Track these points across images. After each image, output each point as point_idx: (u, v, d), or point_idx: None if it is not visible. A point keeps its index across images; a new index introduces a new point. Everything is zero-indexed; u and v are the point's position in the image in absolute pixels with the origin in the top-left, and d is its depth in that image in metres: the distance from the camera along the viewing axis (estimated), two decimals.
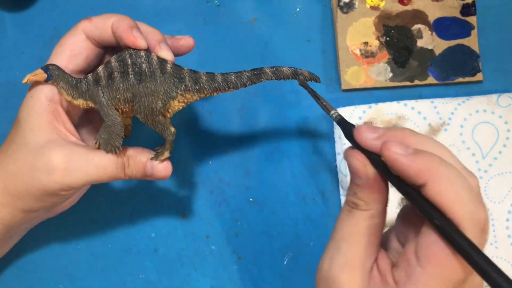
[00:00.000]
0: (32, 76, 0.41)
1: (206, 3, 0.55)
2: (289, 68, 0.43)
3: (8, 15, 0.55)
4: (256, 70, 0.43)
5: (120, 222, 0.53)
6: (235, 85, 0.43)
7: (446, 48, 0.53)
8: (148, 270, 0.52)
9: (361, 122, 0.51)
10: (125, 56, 0.41)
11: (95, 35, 0.42)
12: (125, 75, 0.41)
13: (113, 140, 0.41)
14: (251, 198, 0.53)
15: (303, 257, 0.52)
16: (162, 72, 0.41)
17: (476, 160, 0.51)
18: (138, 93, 0.41)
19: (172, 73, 0.41)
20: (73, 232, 0.52)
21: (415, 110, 0.51)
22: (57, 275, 0.52)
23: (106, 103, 0.41)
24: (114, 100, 0.41)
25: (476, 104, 0.51)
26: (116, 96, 0.41)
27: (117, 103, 0.41)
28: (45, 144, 0.40)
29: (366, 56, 0.53)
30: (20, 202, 0.42)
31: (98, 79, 0.41)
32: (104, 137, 0.41)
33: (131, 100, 0.41)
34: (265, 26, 0.54)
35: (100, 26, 0.42)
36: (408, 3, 0.53)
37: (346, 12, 0.53)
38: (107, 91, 0.41)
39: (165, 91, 0.41)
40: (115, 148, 0.41)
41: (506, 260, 0.50)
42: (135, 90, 0.41)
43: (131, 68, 0.41)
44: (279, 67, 0.43)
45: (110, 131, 0.41)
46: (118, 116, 0.41)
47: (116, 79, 0.41)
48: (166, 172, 0.43)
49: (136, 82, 0.41)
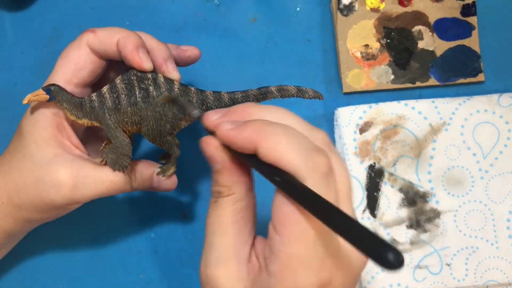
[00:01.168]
0: (33, 97, 0.40)
1: (206, 3, 0.55)
2: (294, 87, 0.43)
3: (8, 15, 0.54)
4: (262, 89, 0.42)
5: (120, 222, 0.52)
6: None
7: (447, 49, 0.53)
8: (148, 270, 0.52)
9: (361, 122, 0.51)
10: (131, 77, 0.40)
11: (99, 49, 0.41)
12: (133, 98, 0.40)
13: (121, 160, 0.40)
14: None
15: None
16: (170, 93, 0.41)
17: (477, 160, 0.51)
18: (147, 117, 0.41)
19: (180, 94, 0.41)
20: (73, 233, 0.52)
21: (416, 110, 0.51)
22: (57, 275, 0.52)
23: (113, 126, 0.41)
24: (121, 123, 0.41)
25: (477, 104, 0.51)
26: (123, 120, 0.41)
27: (125, 125, 0.41)
28: (52, 158, 0.40)
29: (367, 59, 0.53)
30: (24, 212, 0.42)
31: (104, 100, 0.41)
32: (112, 157, 0.41)
33: (138, 123, 0.41)
34: (265, 26, 0.54)
35: (105, 41, 0.41)
36: (408, 4, 0.53)
37: (346, 14, 0.53)
38: (114, 114, 0.41)
39: (173, 114, 0.41)
40: (123, 168, 0.40)
41: (507, 260, 0.50)
42: (143, 114, 0.40)
43: (138, 91, 0.40)
44: (284, 86, 0.43)
45: (118, 151, 0.40)
46: (126, 138, 0.41)
47: (123, 102, 0.40)
48: (173, 184, 0.44)
49: (144, 106, 0.40)
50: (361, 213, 0.50)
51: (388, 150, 0.51)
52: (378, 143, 0.51)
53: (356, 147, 0.51)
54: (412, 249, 0.50)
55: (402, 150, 0.51)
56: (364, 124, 0.51)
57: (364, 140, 0.51)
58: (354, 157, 0.51)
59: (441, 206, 0.50)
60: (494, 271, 0.50)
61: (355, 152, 0.51)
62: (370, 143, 0.51)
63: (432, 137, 0.51)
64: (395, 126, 0.51)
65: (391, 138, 0.51)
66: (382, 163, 0.51)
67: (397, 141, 0.51)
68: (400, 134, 0.51)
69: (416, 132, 0.51)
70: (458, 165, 0.51)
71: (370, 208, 0.51)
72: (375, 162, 0.51)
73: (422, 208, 0.50)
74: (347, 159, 0.51)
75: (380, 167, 0.51)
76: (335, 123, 0.52)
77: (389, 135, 0.51)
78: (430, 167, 0.51)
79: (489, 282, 0.50)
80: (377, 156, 0.51)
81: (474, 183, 0.51)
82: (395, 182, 0.51)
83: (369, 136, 0.51)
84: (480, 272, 0.50)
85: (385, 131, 0.51)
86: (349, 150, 0.51)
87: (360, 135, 0.51)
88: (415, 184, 0.51)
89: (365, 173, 0.51)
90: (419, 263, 0.50)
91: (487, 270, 0.50)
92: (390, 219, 0.50)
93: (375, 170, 0.51)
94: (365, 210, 0.51)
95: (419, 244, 0.50)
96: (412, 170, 0.51)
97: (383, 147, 0.51)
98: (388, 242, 0.24)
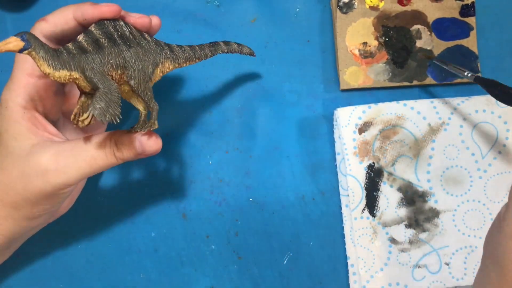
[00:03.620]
0: (4, 46, 0.34)
1: (206, 3, 0.55)
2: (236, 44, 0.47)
3: (8, 15, 0.55)
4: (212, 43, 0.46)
5: (120, 222, 0.53)
6: (200, 56, 0.45)
7: (445, 48, 0.53)
8: (148, 270, 0.52)
9: (360, 122, 0.51)
10: (105, 24, 0.40)
11: (56, 34, 0.41)
12: (113, 41, 0.39)
13: (112, 108, 0.38)
14: (251, 198, 0.53)
15: (303, 257, 0.52)
16: (145, 39, 0.41)
17: (476, 160, 0.51)
18: (131, 58, 0.40)
19: (152, 41, 0.42)
20: (73, 232, 0.52)
21: (415, 110, 0.51)
22: (57, 275, 0.52)
23: (98, 69, 0.38)
24: (106, 66, 0.39)
25: (476, 104, 0.51)
26: (109, 61, 0.39)
27: (110, 68, 0.39)
28: (30, 149, 0.40)
29: (365, 56, 0.53)
30: (20, 211, 0.41)
31: (82, 46, 0.38)
32: (101, 106, 0.37)
33: (123, 66, 0.39)
34: (265, 26, 0.55)
35: (59, 23, 0.40)
36: (407, 3, 0.54)
37: (345, 12, 0.53)
38: (97, 57, 0.38)
39: (153, 57, 0.41)
40: (115, 117, 0.38)
41: None
42: (127, 55, 0.40)
43: (116, 35, 0.40)
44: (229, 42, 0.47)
45: (107, 98, 0.38)
46: (113, 82, 0.39)
47: (105, 44, 0.39)
48: (157, 145, 0.42)
49: (126, 48, 0.40)
50: (360, 213, 0.51)
51: (387, 150, 0.51)
52: (377, 143, 0.51)
53: (356, 147, 0.51)
54: (411, 248, 0.50)
55: (401, 150, 0.51)
56: (363, 124, 0.51)
57: (363, 140, 0.51)
58: (353, 157, 0.51)
59: (440, 206, 0.51)
60: None
61: (354, 152, 0.51)
62: (369, 143, 0.51)
63: (431, 137, 0.51)
64: (394, 126, 0.51)
65: (390, 138, 0.51)
66: (381, 163, 0.51)
67: (396, 141, 0.51)
68: (399, 134, 0.51)
69: (415, 132, 0.51)
70: (457, 164, 0.51)
71: (369, 207, 0.51)
72: (374, 162, 0.51)
73: (421, 207, 0.51)
74: (346, 159, 0.51)
75: (379, 166, 0.51)
76: (335, 123, 0.52)
77: (388, 135, 0.51)
78: (429, 167, 0.51)
79: None
80: (376, 156, 0.51)
81: (472, 182, 0.51)
82: (394, 181, 0.51)
83: (368, 136, 0.51)
84: None
85: (384, 131, 0.51)
86: (349, 150, 0.51)
87: (359, 135, 0.51)
88: (414, 184, 0.51)
89: (364, 173, 0.51)
90: (418, 262, 0.50)
91: None
92: (389, 219, 0.51)
93: (374, 169, 0.51)
94: (364, 209, 0.51)
95: (418, 244, 0.50)
96: (411, 169, 0.51)
97: (382, 147, 0.51)
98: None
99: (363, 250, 0.50)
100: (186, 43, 0.54)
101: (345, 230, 0.52)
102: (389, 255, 0.50)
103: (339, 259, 0.52)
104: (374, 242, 0.51)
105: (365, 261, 0.50)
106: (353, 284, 0.51)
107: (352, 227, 0.51)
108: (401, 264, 0.50)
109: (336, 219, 0.53)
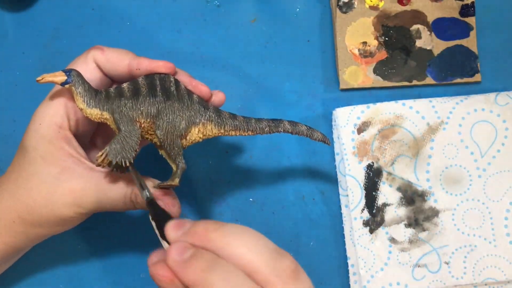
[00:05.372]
0: (49, 77, 0.39)
1: (206, 3, 0.55)
2: (306, 126, 0.44)
3: (8, 15, 0.55)
4: (274, 120, 0.44)
5: (120, 222, 0.53)
6: (254, 128, 0.43)
7: (444, 48, 0.53)
8: (148, 270, 0.52)
9: (359, 122, 0.51)
10: (153, 77, 0.41)
11: (106, 67, 0.41)
12: (153, 92, 0.40)
13: (125, 151, 0.38)
14: (251, 198, 0.53)
15: (303, 257, 0.52)
16: (189, 98, 0.41)
17: (475, 158, 0.51)
18: (164, 109, 0.40)
19: (198, 102, 0.41)
20: (73, 232, 0.52)
21: (414, 109, 0.51)
22: (57, 275, 0.52)
23: (126, 113, 0.39)
24: (136, 112, 0.39)
25: (474, 103, 0.51)
26: (139, 108, 0.39)
27: (139, 115, 0.39)
28: (59, 174, 0.40)
29: (365, 56, 0.53)
30: (38, 229, 0.42)
31: (122, 91, 0.40)
32: (115, 147, 0.38)
33: (154, 116, 0.40)
34: (265, 26, 0.55)
35: (113, 61, 0.41)
36: (407, 3, 0.54)
37: (345, 11, 0.53)
38: (130, 102, 0.39)
39: (190, 114, 0.41)
40: (126, 160, 0.38)
41: (505, 258, 0.50)
42: (161, 106, 0.40)
43: (159, 88, 0.40)
44: (296, 123, 0.44)
45: (125, 141, 0.38)
46: (137, 127, 0.39)
47: (143, 93, 0.40)
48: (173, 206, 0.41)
49: (163, 99, 0.40)
50: (359, 213, 0.51)
51: (386, 150, 0.51)
52: (376, 143, 0.51)
53: (354, 147, 0.51)
54: (411, 248, 0.50)
55: (400, 149, 0.51)
56: (362, 124, 0.51)
57: (362, 139, 0.51)
58: (352, 157, 0.51)
59: (439, 205, 0.51)
60: (492, 269, 0.50)
61: (353, 152, 0.51)
62: (368, 142, 0.51)
63: (430, 136, 0.51)
64: (393, 126, 0.51)
65: (389, 137, 0.51)
66: (381, 163, 0.51)
67: (395, 141, 0.51)
68: (398, 134, 0.51)
69: (414, 131, 0.51)
70: (456, 164, 0.51)
71: (368, 207, 0.51)
72: (373, 162, 0.51)
73: (420, 207, 0.51)
74: (345, 159, 0.51)
75: (379, 166, 0.51)
76: (333, 123, 0.52)
77: (387, 135, 0.51)
78: (428, 166, 0.51)
79: (487, 280, 0.50)
80: (375, 155, 0.51)
81: (472, 181, 0.51)
82: (393, 181, 0.51)
83: (367, 136, 0.51)
84: (478, 270, 0.50)
85: (383, 130, 0.51)
86: (348, 150, 0.51)
87: (358, 135, 0.51)
88: (413, 183, 0.51)
89: (363, 173, 0.51)
90: (418, 262, 0.50)
91: (485, 268, 0.50)
92: (389, 218, 0.51)
93: (374, 169, 0.51)
94: (364, 209, 0.51)
95: (417, 243, 0.50)
96: (410, 169, 0.51)
97: (381, 147, 0.51)
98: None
99: (363, 250, 0.50)
100: (186, 43, 0.54)
101: (345, 230, 0.52)
102: (389, 255, 0.50)
103: (339, 259, 0.52)
104: (374, 242, 0.51)
105: (365, 261, 0.50)
106: (353, 284, 0.51)
107: (352, 227, 0.51)
108: (401, 263, 0.50)
109: (336, 219, 0.53)
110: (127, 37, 0.54)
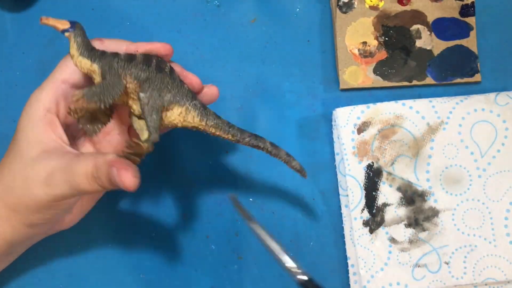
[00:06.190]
0: (54, 22, 0.40)
1: (206, 3, 0.55)
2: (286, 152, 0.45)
3: (8, 15, 0.55)
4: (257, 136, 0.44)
5: (120, 222, 0.53)
6: (235, 134, 0.43)
7: (444, 48, 0.53)
8: (148, 270, 0.52)
9: (359, 122, 0.51)
10: (151, 56, 0.41)
11: None
12: (147, 63, 0.40)
13: (105, 96, 0.38)
14: (251, 198, 0.53)
15: (303, 257, 0.52)
16: (180, 83, 0.42)
17: (475, 158, 0.51)
18: (154, 78, 0.40)
19: (188, 90, 0.42)
20: (73, 232, 0.52)
21: (414, 109, 0.51)
22: (57, 275, 0.52)
23: (116, 69, 0.40)
24: (126, 71, 0.40)
25: (474, 103, 0.51)
26: (130, 69, 0.40)
27: (128, 74, 0.40)
28: (38, 155, 0.40)
29: (365, 56, 0.53)
30: (18, 215, 0.41)
31: (117, 55, 0.41)
32: (95, 90, 0.38)
33: (142, 81, 0.40)
34: (265, 26, 0.55)
35: (111, 48, 0.42)
36: (407, 3, 0.54)
37: (345, 11, 0.53)
38: (122, 62, 0.40)
39: (176, 93, 0.41)
40: (102, 102, 0.38)
41: (505, 258, 0.50)
42: (152, 75, 0.40)
43: (154, 64, 0.41)
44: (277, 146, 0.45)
45: (106, 89, 0.39)
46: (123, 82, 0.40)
47: (137, 60, 0.40)
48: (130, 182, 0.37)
49: (155, 71, 0.40)
50: (359, 213, 0.51)
51: (386, 150, 0.51)
52: (376, 143, 0.51)
53: (354, 147, 0.51)
54: (411, 248, 0.50)
55: (400, 149, 0.51)
56: (362, 124, 0.51)
57: (362, 139, 0.51)
58: (352, 157, 0.51)
59: (439, 205, 0.51)
60: (493, 269, 0.50)
61: (353, 152, 0.51)
62: (368, 142, 0.51)
63: (430, 136, 0.51)
64: (393, 126, 0.51)
65: (389, 137, 0.51)
66: (380, 163, 0.51)
67: (395, 141, 0.51)
68: (398, 134, 0.51)
69: (414, 131, 0.51)
70: (456, 164, 0.51)
71: (368, 207, 0.51)
72: (373, 162, 0.51)
73: (420, 207, 0.51)
74: (345, 159, 0.51)
75: (378, 166, 0.51)
76: (333, 123, 0.52)
77: (387, 135, 0.51)
78: (428, 166, 0.51)
79: (487, 280, 0.50)
80: (375, 155, 0.51)
81: (472, 181, 0.51)
82: (393, 181, 0.51)
83: (367, 136, 0.51)
84: (478, 270, 0.50)
85: (383, 130, 0.51)
86: (347, 150, 0.51)
87: (358, 135, 0.51)
88: (413, 183, 0.51)
89: (363, 173, 0.51)
90: (418, 262, 0.50)
91: (485, 268, 0.50)
92: (389, 218, 0.51)
93: (373, 169, 0.51)
94: (364, 209, 0.51)
95: (417, 243, 0.50)
96: (410, 169, 0.51)
97: (381, 147, 0.51)
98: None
99: (363, 250, 0.50)
100: (186, 43, 0.54)
101: (345, 230, 0.52)
102: (389, 255, 0.50)
103: (339, 259, 0.52)
104: (374, 242, 0.51)
105: (365, 261, 0.50)
106: (353, 284, 0.51)
107: (352, 227, 0.51)
108: (401, 263, 0.50)
109: (336, 219, 0.53)
110: (127, 37, 0.54)
